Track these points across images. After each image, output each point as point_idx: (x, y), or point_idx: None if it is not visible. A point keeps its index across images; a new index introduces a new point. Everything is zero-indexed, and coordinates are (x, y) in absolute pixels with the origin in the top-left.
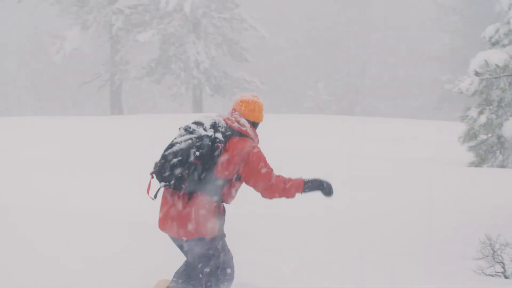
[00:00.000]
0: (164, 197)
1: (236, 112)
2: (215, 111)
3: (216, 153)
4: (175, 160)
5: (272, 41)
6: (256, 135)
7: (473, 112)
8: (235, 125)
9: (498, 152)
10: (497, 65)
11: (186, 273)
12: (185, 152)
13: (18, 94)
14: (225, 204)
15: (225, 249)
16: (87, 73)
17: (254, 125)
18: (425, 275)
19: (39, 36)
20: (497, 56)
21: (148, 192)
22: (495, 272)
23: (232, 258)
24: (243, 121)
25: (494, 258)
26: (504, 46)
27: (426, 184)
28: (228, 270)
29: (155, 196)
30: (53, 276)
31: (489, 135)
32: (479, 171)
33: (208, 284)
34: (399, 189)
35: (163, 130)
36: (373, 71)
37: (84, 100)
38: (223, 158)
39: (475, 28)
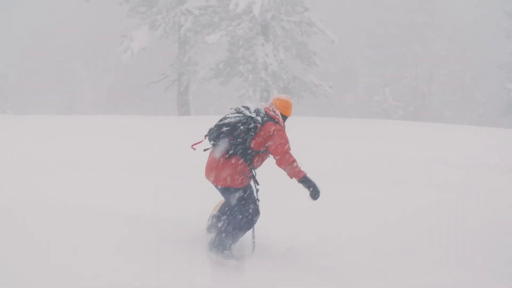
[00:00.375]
0: (210, 154)
1: (273, 105)
2: None
3: (254, 130)
4: (225, 129)
5: (341, 45)
6: (284, 125)
7: None
8: (271, 113)
9: None
10: None
11: (222, 210)
12: (233, 125)
13: (83, 93)
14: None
15: (248, 200)
16: (155, 73)
17: (284, 118)
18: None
19: (107, 35)
20: None
21: (192, 146)
22: None
23: (251, 209)
24: (277, 112)
25: None
26: None
27: (489, 191)
28: (247, 215)
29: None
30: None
31: None
32: None
33: (229, 221)
34: (464, 196)
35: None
36: (440, 77)
37: (152, 101)
38: (258, 136)
39: None
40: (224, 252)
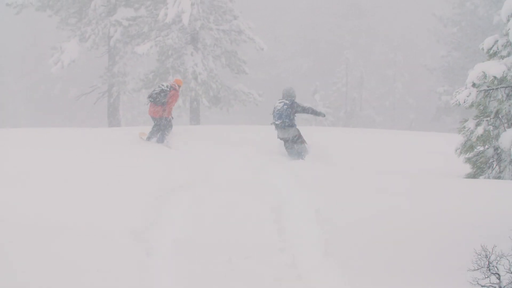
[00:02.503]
0: (150, 106)
1: (174, 82)
2: (212, 123)
3: (166, 92)
4: (155, 94)
5: (270, 53)
6: (179, 90)
7: (470, 124)
8: (174, 85)
9: (494, 163)
10: (494, 77)
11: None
12: (158, 92)
13: (15, 106)
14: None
15: (170, 122)
16: (86, 85)
17: (179, 86)
18: (420, 286)
19: (37, 47)
20: (495, 68)
21: (149, 113)
22: (491, 283)
23: (171, 124)
24: (176, 85)
25: (489, 269)
26: (502, 57)
27: (422, 195)
28: (169, 126)
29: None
30: None
31: (486, 146)
32: (476, 183)
33: (163, 131)
34: (393, 199)
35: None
36: (371, 82)
37: (83, 112)
38: (168, 96)
39: (473, 40)
40: (164, 142)
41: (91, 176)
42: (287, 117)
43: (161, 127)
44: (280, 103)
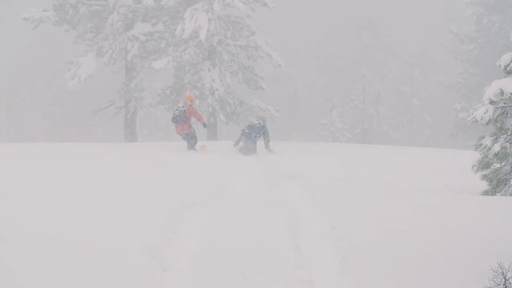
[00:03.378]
0: (176, 126)
1: (187, 100)
2: (229, 138)
3: (185, 112)
4: (177, 116)
5: (287, 69)
6: (192, 105)
7: (487, 141)
8: (188, 103)
9: (511, 180)
10: None
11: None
12: (178, 114)
13: (32, 121)
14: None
15: (195, 135)
16: (103, 100)
17: (192, 103)
18: None
19: (54, 62)
20: None
21: (176, 131)
22: None
23: (196, 138)
24: (188, 101)
25: (506, 287)
26: None
27: (439, 211)
28: (195, 139)
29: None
30: None
31: (503, 163)
32: (492, 200)
33: (189, 142)
34: (411, 216)
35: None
36: (387, 99)
37: (100, 127)
38: (187, 113)
39: (490, 57)
40: (194, 148)
41: (107, 190)
42: (256, 132)
43: (188, 140)
44: (257, 121)
